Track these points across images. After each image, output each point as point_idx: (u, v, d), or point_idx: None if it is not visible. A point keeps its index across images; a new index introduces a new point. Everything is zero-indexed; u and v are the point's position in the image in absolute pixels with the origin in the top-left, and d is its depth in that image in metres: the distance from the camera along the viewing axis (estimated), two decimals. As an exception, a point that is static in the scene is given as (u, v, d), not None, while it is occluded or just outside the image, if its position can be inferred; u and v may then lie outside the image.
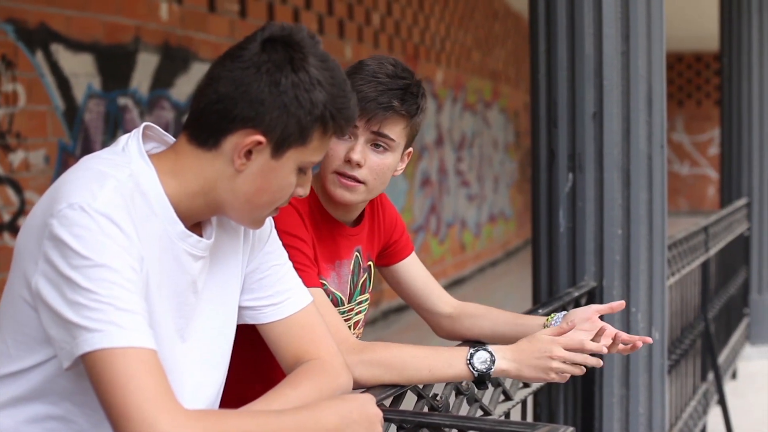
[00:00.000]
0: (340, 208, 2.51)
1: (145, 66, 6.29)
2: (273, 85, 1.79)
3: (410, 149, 2.53)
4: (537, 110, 3.68)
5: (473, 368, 2.29)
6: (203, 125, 1.83)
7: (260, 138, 1.80)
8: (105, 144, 5.89)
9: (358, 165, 2.41)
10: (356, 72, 2.44)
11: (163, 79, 6.48)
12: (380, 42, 10.08)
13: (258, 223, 1.97)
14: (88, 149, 5.73)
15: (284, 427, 1.70)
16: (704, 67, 22.62)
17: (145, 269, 1.72)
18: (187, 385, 1.89)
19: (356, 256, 2.58)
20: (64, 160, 5.57)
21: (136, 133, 1.86)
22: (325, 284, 2.45)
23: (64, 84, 5.59)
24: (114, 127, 5.99)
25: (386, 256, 2.74)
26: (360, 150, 2.40)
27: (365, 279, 2.62)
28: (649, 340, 2.54)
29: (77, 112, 5.70)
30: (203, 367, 1.95)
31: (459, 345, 2.58)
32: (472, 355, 2.29)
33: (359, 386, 2.23)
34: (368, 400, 1.88)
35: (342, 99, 1.86)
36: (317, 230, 2.44)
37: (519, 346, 2.34)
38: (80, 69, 5.72)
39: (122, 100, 6.09)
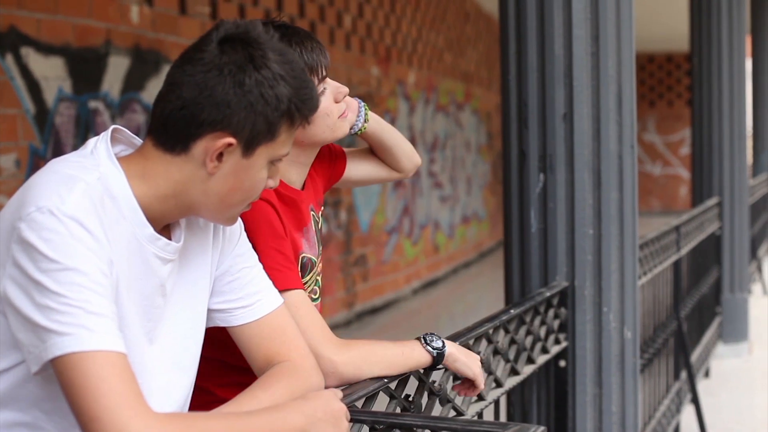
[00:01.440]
0: (300, 177, 2.56)
1: (116, 69, 6.28)
2: (237, 85, 1.78)
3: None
4: (508, 111, 3.69)
5: (432, 347, 2.40)
6: (170, 132, 1.82)
7: (230, 140, 1.80)
8: (76, 147, 5.83)
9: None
10: None
11: (134, 82, 6.46)
12: (352, 44, 10.08)
13: (232, 220, 1.98)
14: (59, 153, 5.70)
15: (252, 428, 1.71)
16: (675, 68, 22.73)
17: (115, 272, 1.72)
18: (156, 388, 1.88)
19: (312, 215, 2.59)
20: (35, 163, 5.55)
21: (105, 136, 1.85)
22: (304, 254, 2.47)
23: (34, 87, 5.57)
24: (85, 130, 5.97)
25: (333, 179, 2.83)
26: None
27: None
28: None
29: (48, 115, 5.68)
30: (172, 370, 1.95)
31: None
32: (425, 338, 2.41)
33: (346, 383, 2.24)
34: (331, 397, 1.89)
35: (305, 90, 1.87)
36: (284, 207, 2.45)
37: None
38: (51, 72, 5.69)
39: (93, 104, 6.07)
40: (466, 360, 2.47)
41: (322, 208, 2.71)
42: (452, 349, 2.44)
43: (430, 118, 12.75)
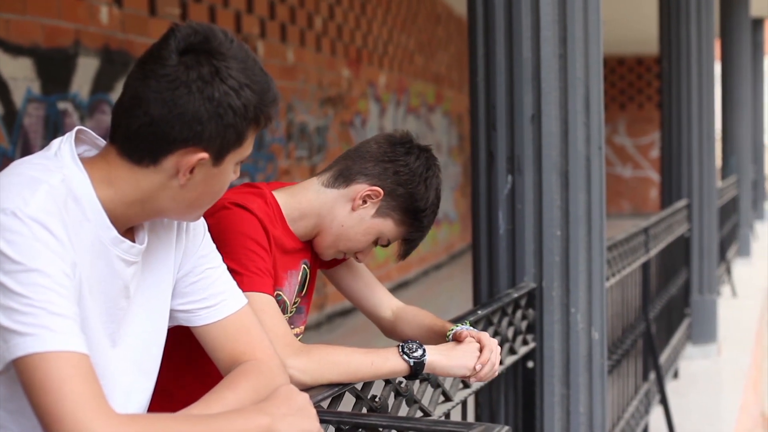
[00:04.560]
0: (302, 235, 2.62)
1: (86, 70, 6.25)
2: (207, 101, 1.77)
3: None
4: (476, 113, 3.70)
5: (408, 357, 2.38)
6: (137, 146, 1.80)
7: (203, 155, 1.80)
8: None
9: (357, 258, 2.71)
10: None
11: (103, 83, 6.44)
12: (323, 46, 10.08)
13: (198, 218, 2.00)
14: (27, 153, 5.64)
15: (219, 430, 1.70)
16: (645, 71, 22.85)
17: (78, 275, 1.71)
18: (118, 390, 1.88)
19: (303, 267, 2.61)
20: (4, 165, 5.51)
21: (69, 138, 1.84)
22: (280, 294, 2.49)
23: (2, 88, 5.54)
24: (54, 131, 5.94)
25: (328, 261, 2.77)
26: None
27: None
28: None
29: (16, 116, 5.65)
30: (134, 371, 1.94)
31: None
32: (403, 347, 2.40)
33: (307, 388, 2.24)
34: (290, 390, 1.89)
35: (268, 93, 1.86)
36: (277, 241, 2.46)
37: (447, 345, 2.51)
38: (19, 73, 5.66)
39: (62, 105, 6.04)
40: (450, 364, 2.46)
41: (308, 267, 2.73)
42: (435, 357, 2.43)
43: (401, 120, 12.76)
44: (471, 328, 2.67)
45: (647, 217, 6.70)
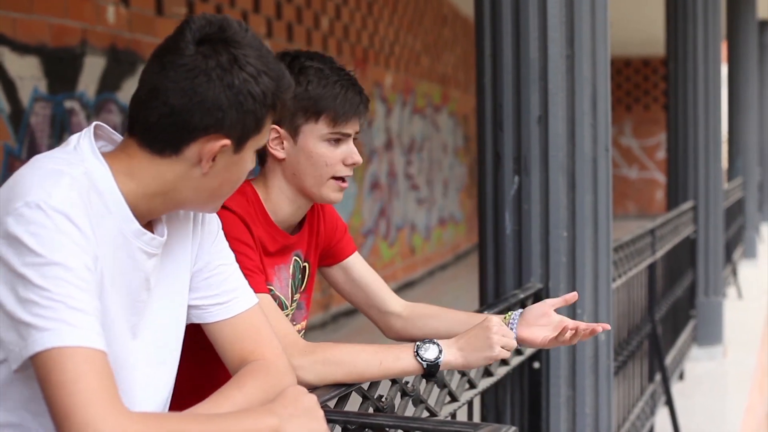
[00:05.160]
0: (291, 217, 2.57)
1: (92, 69, 6.26)
2: (227, 88, 1.79)
3: None
4: (483, 114, 3.69)
5: (421, 359, 2.34)
6: (158, 137, 1.82)
7: (225, 141, 1.82)
8: (51, 147, 5.81)
9: (354, 164, 2.53)
10: (319, 73, 2.49)
11: (110, 82, 6.44)
12: (329, 46, 10.08)
13: (217, 208, 2.01)
14: (34, 152, 5.67)
15: (228, 429, 1.71)
16: (652, 72, 22.84)
17: (100, 268, 1.72)
18: (138, 382, 1.89)
19: (295, 260, 2.59)
20: (10, 163, 5.52)
21: (88, 133, 1.85)
22: (272, 289, 2.47)
23: (9, 87, 5.55)
24: (60, 130, 5.95)
25: (329, 257, 2.76)
26: (356, 150, 2.52)
27: (298, 278, 2.64)
28: (607, 326, 2.59)
29: (23, 115, 5.65)
30: (154, 363, 1.95)
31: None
32: (419, 347, 2.34)
33: (313, 388, 2.23)
34: (299, 391, 1.90)
35: (282, 79, 1.88)
36: (260, 240, 2.45)
37: (463, 336, 2.42)
38: (26, 72, 5.67)
39: (69, 104, 6.05)
40: (466, 362, 2.41)
41: (307, 263, 2.68)
42: (451, 357, 2.37)
43: (407, 121, 12.76)
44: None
45: (653, 218, 6.69)
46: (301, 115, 2.47)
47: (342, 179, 2.54)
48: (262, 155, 2.54)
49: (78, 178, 1.73)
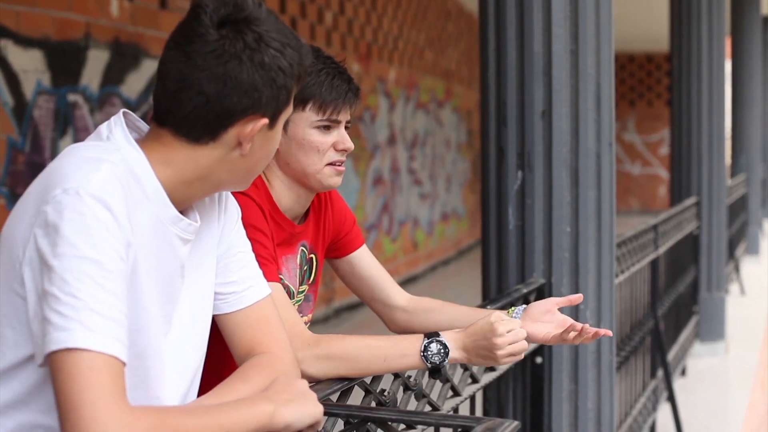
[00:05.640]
0: (295, 205, 2.56)
1: (96, 62, 6.26)
2: (259, 67, 1.79)
3: None
4: (486, 109, 3.69)
5: (427, 360, 2.34)
6: (195, 126, 1.81)
7: (264, 120, 1.84)
8: (54, 141, 5.85)
9: (346, 150, 2.52)
10: (312, 65, 2.48)
11: (113, 75, 6.44)
12: (333, 41, 10.08)
13: (249, 183, 2.00)
14: (37, 146, 5.69)
15: (224, 421, 1.71)
16: (655, 68, 22.81)
17: (133, 255, 1.71)
18: (169, 370, 1.88)
19: (302, 250, 2.59)
20: (13, 156, 5.53)
21: (119, 121, 1.84)
22: (282, 278, 2.47)
23: (13, 80, 5.55)
24: (64, 123, 5.95)
25: (336, 249, 2.76)
26: (348, 137, 2.53)
27: (306, 270, 2.64)
28: (609, 333, 2.59)
29: (26, 108, 5.66)
30: (186, 349, 1.95)
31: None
32: (426, 348, 2.33)
33: (315, 381, 2.23)
34: (289, 378, 1.91)
35: (302, 47, 1.89)
36: (271, 226, 2.46)
37: (469, 336, 2.39)
38: (30, 65, 5.67)
39: (72, 97, 6.05)
40: (469, 362, 2.42)
41: (314, 255, 2.68)
42: (459, 355, 2.37)
43: (411, 116, 12.76)
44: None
45: (655, 214, 6.69)
46: None
47: (335, 164, 2.54)
48: None
49: (117, 163, 1.73)
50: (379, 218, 11.55)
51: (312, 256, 2.66)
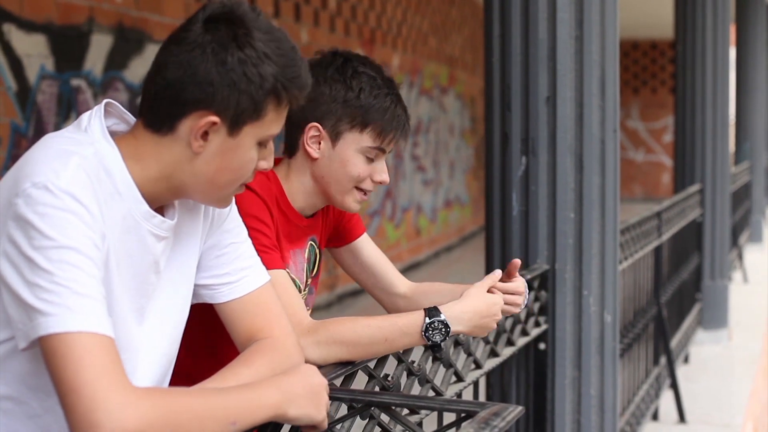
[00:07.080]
0: (305, 208, 2.57)
1: (99, 47, 6.25)
2: (220, 64, 1.79)
3: None
4: (491, 94, 3.69)
5: (429, 340, 2.38)
6: (156, 112, 1.83)
7: (214, 118, 1.81)
8: (58, 125, 5.85)
9: (381, 183, 2.55)
10: (372, 82, 2.50)
11: (117, 60, 6.44)
12: (336, 26, 10.06)
13: (224, 202, 1.97)
14: (40, 130, 5.69)
15: (228, 404, 1.71)
16: (659, 55, 22.77)
17: (105, 247, 1.72)
18: (141, 362, 1.89)
19: (311, 245, 2.60)
20: (17, 141, 5.53)
21: (98, 112, 1.85)
22: (288, 272, 2.47)
23: (16, 64, 5.54)
24: (67, 108, 5.95)
25: (338, 237, 2.76)
26: (386, 169, 2.55)
27: (313, 263, 2.64)
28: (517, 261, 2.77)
29: (30, 93, 5.65)
30: (160, 345, 1.96)
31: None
32: (427, 328, 2.36)
33: (318, 367, 2.23)
34: (311, 371, 1.91)
35: (292, 68, 1.86)
36: (279, 219, 2.45)
37: (469, 306, 2.47)
38: (33, 50, 5.67)
39: (75, 82, 6.05)
40: (469, 331, 2.47)
41: (319, 248, 2.69)
42: (459, 327, 2.43)
43: (414, 102, 12.74)
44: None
45: (659, 201, 6.68)
46: (348, 121, 2.46)
47: (364, 192, 2.54)
48: (293, 147, 2.53)
49: (87, 157, 1.74)
50: (383, 205, 11.55)
51: (317, 249, 2.66)
